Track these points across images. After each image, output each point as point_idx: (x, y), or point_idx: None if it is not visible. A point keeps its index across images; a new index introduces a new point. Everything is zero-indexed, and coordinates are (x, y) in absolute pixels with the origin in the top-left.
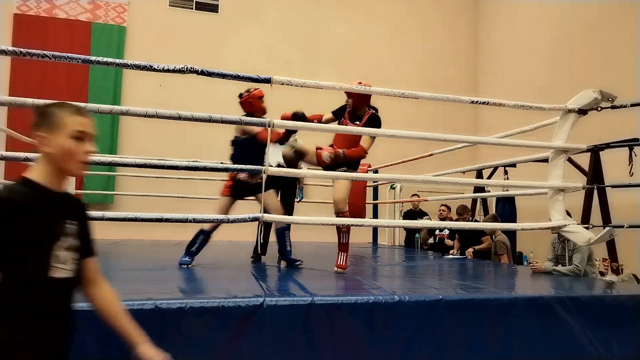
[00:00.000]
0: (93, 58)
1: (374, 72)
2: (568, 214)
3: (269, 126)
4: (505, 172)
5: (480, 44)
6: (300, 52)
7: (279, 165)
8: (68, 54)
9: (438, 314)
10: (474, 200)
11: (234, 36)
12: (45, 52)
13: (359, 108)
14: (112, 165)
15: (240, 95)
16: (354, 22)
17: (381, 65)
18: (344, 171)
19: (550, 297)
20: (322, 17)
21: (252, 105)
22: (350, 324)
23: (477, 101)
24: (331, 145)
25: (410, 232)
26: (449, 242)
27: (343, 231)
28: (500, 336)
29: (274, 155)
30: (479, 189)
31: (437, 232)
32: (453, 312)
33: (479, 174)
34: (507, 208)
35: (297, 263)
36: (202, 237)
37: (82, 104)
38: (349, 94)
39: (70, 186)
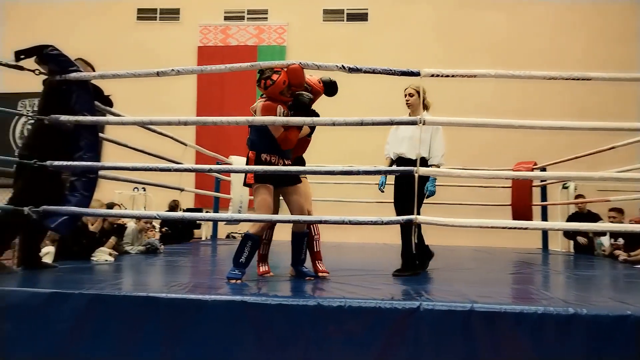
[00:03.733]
0: (260, 63)
1: (536, 57)
2: None
3: (420, 123)
4: None
5: None
6: (453, 48)
7: (399, 158)
8: (239, 64)
9: (625, 331)
10: None
11: (384, 40)
12: (221, 65)
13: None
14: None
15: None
16: (511, 7)
17: (545, 49)
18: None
19: None
20: (475, 7)
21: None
22: (516, 335)
23: None
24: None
25: (584, 237)
26: (618, 252)
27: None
28: None
29: (395, 144)
30: None
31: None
32: None
33: None
34: None
35: (308, 278)
36: (251, 244)
37: (251, 118)
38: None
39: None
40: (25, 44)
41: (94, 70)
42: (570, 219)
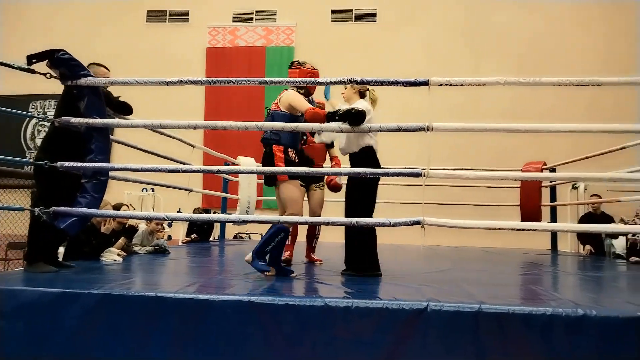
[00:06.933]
0: (268, 79)
1: (552, 59)
2: None
3: (428, 130)
4: None
5: None
6: (464, 49)
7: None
8: (247, 78)
9: (635, 334)
10: None
11: (393, 41)
12: (230, 78)
13: None
14: None
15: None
16: (522, 7)
17: (560, 49)
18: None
19: None
20: (486, 8)
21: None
22: (525, 336)
23: None
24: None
25: (597, 238)
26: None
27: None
28: None
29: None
30: None
31: (629, 235)
32: None
33: None
34: None
35: (293, 274)
36: (282, 236)
37: (260, 123)
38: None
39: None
40: (38, 48)
41: (107, 70)
42: (582, 219)
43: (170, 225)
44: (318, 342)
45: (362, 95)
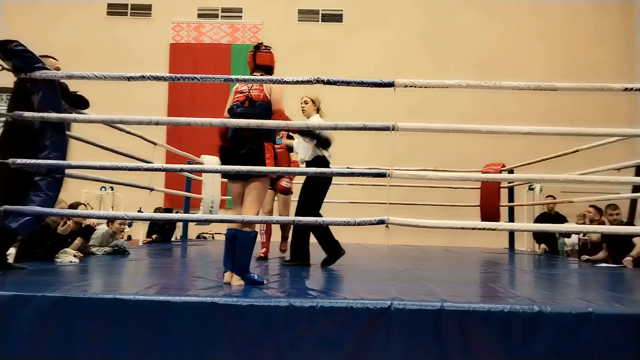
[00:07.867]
0: (233, 77)
1: (513, 65)
2: None
3: (392, 129)
4: None
5: (637, 22)
6: (428, 52)
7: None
8: (212, 75)
9: (587, 329)
10: (634, 202)
11: (359, 43)
12: (195, 75)
13: None
14: None
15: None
16: (485, 12)
17: (519, 54)
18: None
19: None
20: (449, 12)
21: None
22: (484, 333)
23: (633, 88)
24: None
25: (551, 237)
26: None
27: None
28: None
29: (299, 150)
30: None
31: (580, 235)
32: (606, 328)
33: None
34: None
35: (265, 282)
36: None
37: (225, 120)
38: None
39: None
40: None
41: (56, 60)
42: (538, 219)
43: (130, 225)
44: (283, 342)
45: (317, 110)
